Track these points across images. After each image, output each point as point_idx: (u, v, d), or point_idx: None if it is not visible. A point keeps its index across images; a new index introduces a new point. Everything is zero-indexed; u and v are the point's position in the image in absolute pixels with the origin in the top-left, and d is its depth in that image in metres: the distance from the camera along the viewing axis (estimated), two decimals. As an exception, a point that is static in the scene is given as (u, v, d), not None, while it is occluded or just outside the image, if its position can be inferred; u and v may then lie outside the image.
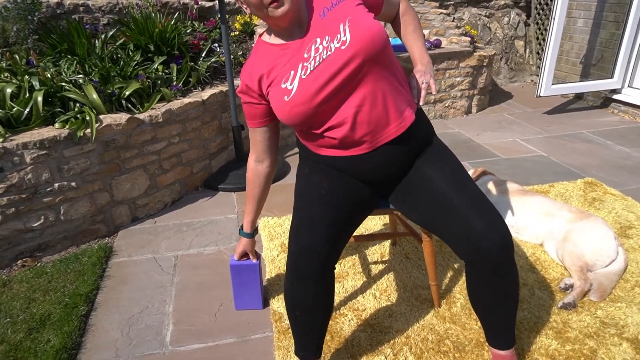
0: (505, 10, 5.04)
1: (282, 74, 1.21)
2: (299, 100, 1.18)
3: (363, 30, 1.16)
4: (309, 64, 1.18)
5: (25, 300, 1.85)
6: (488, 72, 4.05)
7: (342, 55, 1.16)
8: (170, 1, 3.61)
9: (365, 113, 1.20)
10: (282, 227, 2.30)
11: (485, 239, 1.15)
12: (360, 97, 1.19)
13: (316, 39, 1.19)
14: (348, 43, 1.15)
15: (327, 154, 1.32)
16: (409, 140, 1.28)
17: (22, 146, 1.96)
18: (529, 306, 1.72)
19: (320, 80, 1.16)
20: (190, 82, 2.80)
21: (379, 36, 1.16)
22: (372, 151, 1.26)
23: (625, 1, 3.73)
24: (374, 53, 1.16)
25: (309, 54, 1.19)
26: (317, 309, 1.29)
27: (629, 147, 3.20)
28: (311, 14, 1.22)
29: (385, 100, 1.22)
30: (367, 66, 1.16)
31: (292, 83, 1.18)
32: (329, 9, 1.22)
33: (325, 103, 1.18)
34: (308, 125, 1.25)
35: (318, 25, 1.21)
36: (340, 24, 1.18)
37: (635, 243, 2.07)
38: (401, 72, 1.31)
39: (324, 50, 1.17)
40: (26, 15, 2.68)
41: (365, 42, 1.15)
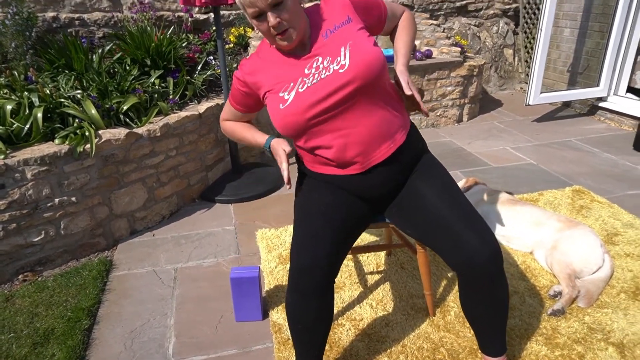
0: (494, 20, 5.14)
1: (282, 83, 1.28)
2: (292, 110, 1.25)
3: (362, 56, 1.22)
4: (307, 79, 1.25)
5: (29, 315, 1.87)
6: (478, 82, 4.13)
7: (340, 78, 1.22)
8: (165, 14, 3.66)
9: (357, 135, 1.27)
10: (279, 238, 2.35)
11: (476, 252, 1.22)
12: (353, 119, 1.26)
13: (318, 57, 1.27)
14: (347, 67, 1.22)
15: (322, 172, 1.38)
16: (401, 160, 1.35)
17: (23, 162, 2.00)
18: (520, 313, 1.78)
19: (315, 97, 1.23)
20: (187, 96, 2.84)
21: (376, 64, 1.23)
22: (365, 172, 1.32)
23: (609, 12, 3.84)
24: (370, 80, 1.22)
25: (310, 71, 1.26)
26: (318, 323, 1.34)
27: (615, 154, 3.29)
28: (315, 34, 1.30)
29: (376, 123, 1.28)
30: (362, 91, 1.23)
31: (289, 94, 1.26)
32: (332, 31, 1.29)
33: (317, 118, 1.25)
34: (300, 138, 1.31)
35: (321, 45, 1.28)
36: (341, 47, 1.25)
37: (621, 250, 2.15)
38: (395, 94, 1.37)
39: (323, 69, 1.24)
40: (24, 31, 2.71)
41: (362, 68, 1.21)
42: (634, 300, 1.83)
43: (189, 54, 3.18)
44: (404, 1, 4.63)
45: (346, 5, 1.33)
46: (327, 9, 1.33)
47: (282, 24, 1.21)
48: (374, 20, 1.39)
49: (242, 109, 1.45)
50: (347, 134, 1.27)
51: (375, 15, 1.39)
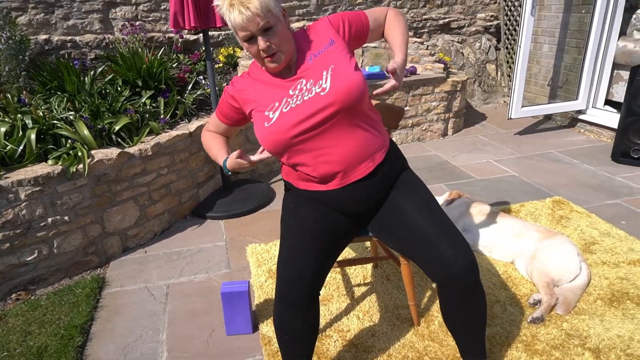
0: (476, 36, 5.30)
1: (267, 103, 1.37)
2: (275, 129, 1.33)
3: (342, 81, 1.31)
4: (291, 100, 1.34)
5: (22, 334, 1.91)
6: (462, 96, 4.26)
7: (320, 101, 1.31)
8: (156, 35, 3.75)
9: (337, 153, 1.35)
10: (269, 253, 2.41)
11: (453, 264, 1.29)
12: (333, 139, 1.34)
13: (302, 79, 1.36)
14: (327, 91, 1.31)
15: (305, 188, 1.46)
16: (380, 178, 1.42)
17: (16, 183, 2.05)
18: (501, 322, 1.85)
19: (298, 117, 1.31)
20: (178, 115, 2.91)
21: (355, 88, 1.31)
22: (344, 187, 1.40)
23: (585, 29, 4.00)
24: (350, 104, 1.31)
25: (294, 92, 1.35)
26: (305, 334, 1.41)
27: (594, 165, 3.41)
28: (300, 58, 1.39)
29: (356, 143, 1.36)
30: (342, 114, 1.32)
31: (274, 113, 1.35)
32: (316, 55, 1.38)
33: (299, 137, 1.33)
34: (284, 155, 1.39)
35: (305, 68, 1.37)
36: (323, 71, 1.34)
37: (598, 258, 2.23)
38: (375, 115, 1.45)
39: (306, 91, 1.33)
40: (17, 55, 2.77)
41: (342, 93, 1.30)
42: (609, 307, 1.91)
43: (180, 74, 3.27)
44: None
45: (328, 28, 1.42)
46: (311, 34, 1.43)
47: (272, 47, 1.29)
48: (357, 34, 1.46)
49: (226, 122, 1.54)
50: (327, 153, 1.35)
51: (357, 30, 1.46)
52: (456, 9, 5.13)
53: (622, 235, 2.42)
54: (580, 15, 4.07)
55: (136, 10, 3.72)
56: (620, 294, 1.98)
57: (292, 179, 1.50)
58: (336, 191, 1.41)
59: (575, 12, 4.12)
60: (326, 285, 2.12)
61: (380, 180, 1.43)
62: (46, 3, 3.40)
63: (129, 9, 3.69)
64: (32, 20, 3.37)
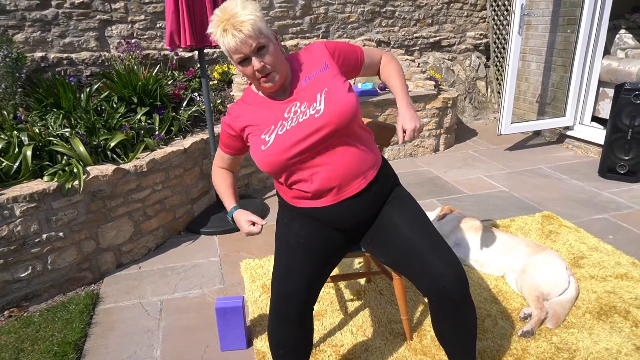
0: (466, 54, 5.42)
1: (263, 126, 1.40)
2: (272, 151, 1.37)
3: (335, 103, 1.36)
4: (286, 122, 1.38)
5: (14, 351, 1.90)
6: (453, 113, 4.34)
7: (315, 123, 1.35)
8: (151, 53, 3.81)
9: (331, 171, 1.39)
10: (263, 268, 2.43)
11: (443, 279, 1.32)
12: (328, 158, 1.38)
13: (296, 102, 1.40)
14: (321, 113, 1.35)
15: (299, 205, 1.50)
16: (372, 194, 1.47)
17: (12, 200, 2.06)
18: (492, 335, 1.88)
19: (293, 139, 1.35)
20: (172, 131, 2.95)
21: (349, 110, 1.36)
22: (337, 203, 1.44)
23: (570, 48, 4.12)
24: (343, 124, 1.36)
25: (289, 115, 1.39)
26: (299, 349, 1.43)
27: (581, 180, 3.48)
28: (295, 80, 1.44)
29: (350, 161, 1.40)
30: (336, 133, 1.36)
31: (270, 136, 1.38)
32: (310, 78, 1.43)
33: (295, 158, 1.37)
34: (281, 176, 1.43)
35: (300, 90, 1.42)
36: (317, 93, 1.39)
37: (586, 272, 2.28)
38: (366, 134, 1.50)
39: (300, 113, 1.38)
40: (14, 72, 2.80)
41: (336, 115, 1.35)
42: (598, 320, 1.94)
43: (175, 91, 3.31)
44: (380, 38, 4.87)
45: (323, 52, 1.47)
46: (306, 57, 1.47)
47: (266, 67, 1.33)
48: (350, 66, 1.52)
49: (230, 152, 1.57)
50: (322, 171, 1.39)
51: (351, 62, 1.52)
52: (446, 27, 5.25)
53: (609, 250, 2.47)
54: (565, 35, 4.19)
55: (132, 28, 3.78)
56: (608, 307, 2.02)
57: (287, 197, 1.53)
58: (329, 207, 1.44)
59: (560, 32, 4.25)
60: (320, 300, 2.14)
61: (372, 197, 1.47)
62: (43, 21, 3.44)
63: (125, 27, 3.75)
64: (28, 38, 3.41)
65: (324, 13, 4.56)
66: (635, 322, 1.92)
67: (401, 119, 1.46)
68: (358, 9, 4.70)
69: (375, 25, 4.86)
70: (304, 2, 4.42)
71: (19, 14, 3.36)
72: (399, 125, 1.46)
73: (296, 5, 4.40)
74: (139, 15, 3.78)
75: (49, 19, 3.46)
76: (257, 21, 1.29)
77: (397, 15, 4.93)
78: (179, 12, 2.52)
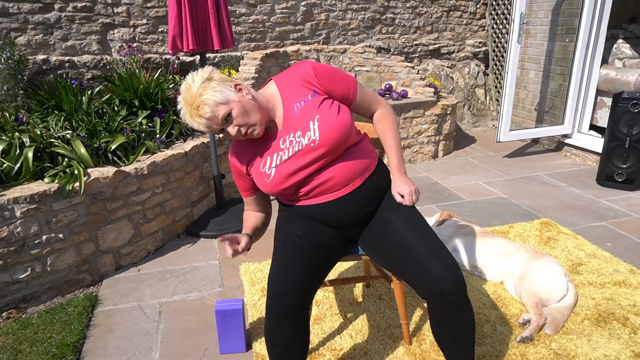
0: (465, 62, 5.46)
1: (261, 159, 1.48)
2: (276, 182, 1.45)
3: (330, 129, 1.41)
4: (283, 153, 1.45)
5: (12, 353, 1.89)
6: (452, 119, 4.36)
7: (312, 153, 1.43)
8: (153, 57, 3.82)
9: (331, 180, 1.47)
10: (262, 272, 2.43)
11: (441, 280, 1.33)
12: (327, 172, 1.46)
13: (290, 132, 1.45)
14: (317, 142, 1.41)
15: (296, 204, 1.55)
16: (367, 188, 1.52)
17: (12, 201, 2.06)
18: (491, 341, 1.88)
19: (292, 169, 1.44)
20: (173, 135, 2.96)
21: (344, 132, 1.43)
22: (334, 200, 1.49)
23: (569, 57, 4.15)
24: (338, 145, 1.43)
25: (284, 145, 1.45)
26: (294, 346, 1.44)
27: (579, 188, 3.50)
28: (286, 107, 1.47)
29: (347, 168, 1.48)
30: (332, 153, 1.44)
31: (270, 169, 1.46)
32: (300, 105, 1.45)
33: (299, 183, 1.46)
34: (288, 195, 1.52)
35: (291, 120, 1.46)
36: (310, 121, 1.43)
37: (585, 279, 2.29)
38: (361, 138, 1.56)
39: (296, 144, 1.44)
40: (16, 74, 2.81)
41: (332, 139, 1.41)
42: (596, 327, 1.95)
43: (176, 95, 3.32)
44: (381, 45, 4.91)
45: (311, 76, 1.46)
46: (295, 79, 1.47)
47: (240, 130, 1.39)
48: (338, 93, 1.49)
49: (249, 194, 1.64)
50: (322, 182, 1.46)
51: (340, 88, 1.49)
52: (446, 35, 5.29)
53: (607, 257, 2.48)
54: (564, 44, 4.23)
55: (134, 32, 3.80)
56: (606, 314, 2.02)
57: (284, 199, 1.59)
58: (326, 204, 1.49)
59: (559, 41, 4.29)
60: (319, 304, 2.14)
61: (368, 192, 1.52)
62: (45, 24, 3.46)
63: (127, 30, 3.77)
64: (31, 40, 3.43)
65: (325, 19, 4.59)
66: (633, 328, 1.93)
67: (395, 187, 1.55)
68: (359, 16, 4.74)
69: (376, 32, 4.89)
70: (305, 8, 4.45)
71: (22, 17, 3.37)
72: (394, 192, 1.55)
73: (297, 12, 4.44)
74: (141, 19, 3.80)
75: (52, 22, 3.48)
76: (211, 98, 1.32)
77: (397, 23, 4.97)
78: (182, 16, 2.54)
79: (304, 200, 1.52)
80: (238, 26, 4.23)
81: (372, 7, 4.77)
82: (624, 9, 5.02)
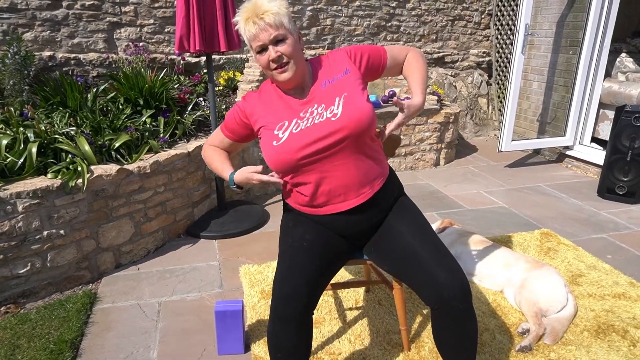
0: (469, 71, 5.48)
1: (277, 122, 1.41)
2: (284, 149, 1.38)
3: (353, 109, 1.37)
4: (302, 121, 1.39)
5: (10, 347, 1.89)
6: (454, 128, 4.37)
7: (331, 126, 1.37)
8: (159, 57, 3.84)
9: (339, 178, 1.41)
10: (262, 274, 2.43)
11: (447, 288, 1.33)
12: (337, 163, 1.40)
13: (314, 104, 1.41)
14: (338, 116, 1.37)
15: (305, 212, 1.51)
16: (377, 204, 1.48)
17: (15, 195, 2.06)
18: (490, 349, 1.88)
19: (307, 140, 1.36)
20: (177, 135, 2.96)
21: (365, 118, 1.38)
22: (343, 212, 1.45)
23: (572, 69, 4.17)
24: (358, 132, 1.37)
25: (305, 114, 1.40)
26: (297, 351, 1.42)
27: (580, 200, 3.50)
28: (315, 82, 1.45)
29: (358, 169, 1.42)
30: (349, 140, 1.38)
31: (284, 133, 1.39)
32: (330, 81, 1.44)
33: (306, 159, 1.38)
34: (288, 174, 1.44)
35: (318, 92, 1.43)
36: (336, 97, 1.40)
37: (584, 290, 2.29)
38: (376, 145, 1.52)
39: (317, 115, 1.39)
40: (22, 70, 2.82)
41: (352, 121, 1.36)
42: (596, 338, 1.95)
43: (180, 95, 3.33)
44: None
45: (345, 58, 1.48)
46: (328, 61, 1.49)
47: (282, 57, 1.35)
48: (372, 69, 1.53)
49: (231, 137, 1.57)
50: (330, 176, 1.40)
51: (374, 65, 1.52)
52: (450, 44, 5.32)
53: (607, 269, 2.48)
54: (567, 56, 4.26)
55: (140, 31, 3.81)
56: (605, 326, 2.02)
57: (292, 202, 1.54)
58: (334, 215, 1.46)
59: (563, 53, 4.31)
60: (318, 308, 2.14)
61: (377, 206, 1.49)
62: (53, 21, 3.47)
63: (134, 30, 3.79)
64: (37, 37, 3.44)
65: (331, 25, 4.61)
66: (633, 341, 1.93)
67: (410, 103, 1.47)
68: (364, 22, 4.76)
69: (381, 39, 4.92)
70: (311, 13, 4.48)
71: (30, 13, 3.39)
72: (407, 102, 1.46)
73: (303, 16, 4.46)
74: (148, 19, 3.82)
75: (59, 19, 3.49)
76: (280, 14, 1.33)
77: (402, 30, 4.99)
78: (190, 17, 2.56)
79: (311, 209, 1.49)
80: (244, 29, 4.24)
81: (377, 14, 4.80)
82: (628, 23, 5.05)
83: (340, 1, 4.58)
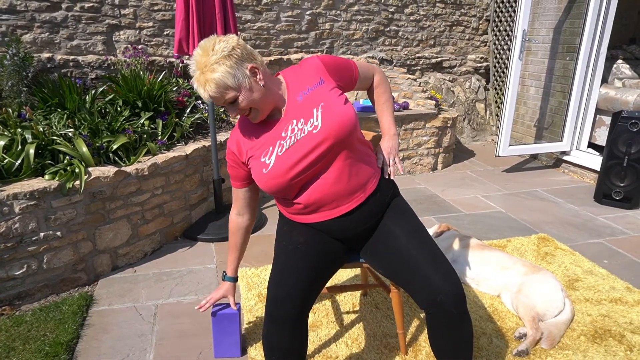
0: (466, 76, 5.51)
1: (262, 149, 1.41)
2: (274, 174, 1.38)
3: (333, 117, 1.37)
4: (285, 142, 1.39)
5: (5, 349, 1.87)
6: (452, 132, 4.39)
7: (314, 139, 1.36)
8: (157, 59, 3.84)
9: (331, 185, 1.41)
10: (259, 277, 2.42)
11: (442, 293, 1.33)
12: (327, 173, 1.40)
13: (292, 120, 1.40)
14: (319, 128, 1.36)
15: (299, 221, 1.52)
16: (370, 206, 1.48)
17: (12, 197, 2.05)
18: (487, 354, 1.88)
19: (294, 159, 1.37)
20: (175, 137, 2.96)
21: (346, 123, 1.37)
22: (336, 218, 1.45)
23: (569, 75, 4.20)
24: (342, 138, 1.37)
25: (286, 134, 1.40)
26: (291, 353, 1.43)
27: (577, 205, 3.52)
28: (290, 97, 1.44)
29: (350, 175, 1.42)
30: (336, 148, 1.38)
31: (270, 158, 1.39)
32: (305, 93, 1.43)
33: (298, 177, 1.39)
34: (284, 194, 1.46)
35: (295, 107, 1.42)
36: (314, 108, 1.39)
37: (581, 295, 2.29)
38: (365, 147, 1.52)
39: (298, 131, 1.38)
40: (20, 71, 2.82)
41: (334, 129, 1.36)
42: (592, 343, 1.95)
43: (179, 98, 3.33)
44: (383, 56, 4.95)
45: (319, 67, 1.46)
46: (301, 72, 1.47)
47: (244, 110, 1.36)
48: (345, 80, 1.53)
49: (243, 184, 1.56)
50: (322, 184, 1.40)
51: (347, 77, 1.53)
52: (448, 49, 5.35)
53: (604, 274, 2.48)
54: (564, 62, 4.28)
55: (139, 34, 3.82)
56: (602, 330, 2.02)
57: (286, 213, 1.56)
58: (328, 221, 1.46)
59: (560, 59, 4.33)
60: (315, 312, 2.14)
61: (371, 209, 1.49)
62: (52, 23, 3.48)
63: (133, 32, 3.79)
64: (36, 38, 3.44)
65: (329, 29, 4.63)
66: (629, 346, 1.93)
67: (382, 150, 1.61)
68: (363, 27, 4.78)
69: (379, 44, 4.94)
70: (310, 17, 4.50)
71: (29, 15, 3.39)
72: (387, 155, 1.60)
73: (302, 20, 4.48)
74: (147, 22, 3.82)
75: (58, 21, 3.49)
76: (221, 78, 1.28)
77: (401, 35, 5.02)
78: (189, 20, 2.56)
79: (304, 216, 1.49)
80: (243, 32, 4.26)
81: (376, 19, 4.82)
82: (625, 30, 5.09)
83: (339, 6, 4.61)
